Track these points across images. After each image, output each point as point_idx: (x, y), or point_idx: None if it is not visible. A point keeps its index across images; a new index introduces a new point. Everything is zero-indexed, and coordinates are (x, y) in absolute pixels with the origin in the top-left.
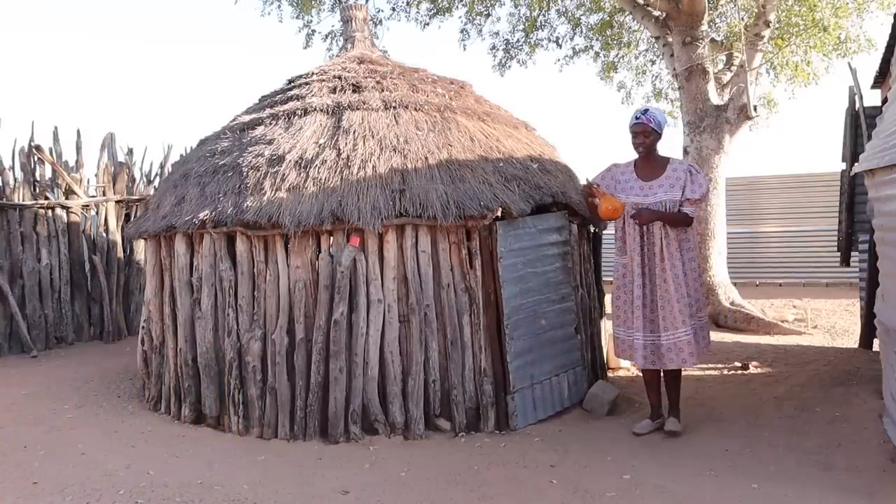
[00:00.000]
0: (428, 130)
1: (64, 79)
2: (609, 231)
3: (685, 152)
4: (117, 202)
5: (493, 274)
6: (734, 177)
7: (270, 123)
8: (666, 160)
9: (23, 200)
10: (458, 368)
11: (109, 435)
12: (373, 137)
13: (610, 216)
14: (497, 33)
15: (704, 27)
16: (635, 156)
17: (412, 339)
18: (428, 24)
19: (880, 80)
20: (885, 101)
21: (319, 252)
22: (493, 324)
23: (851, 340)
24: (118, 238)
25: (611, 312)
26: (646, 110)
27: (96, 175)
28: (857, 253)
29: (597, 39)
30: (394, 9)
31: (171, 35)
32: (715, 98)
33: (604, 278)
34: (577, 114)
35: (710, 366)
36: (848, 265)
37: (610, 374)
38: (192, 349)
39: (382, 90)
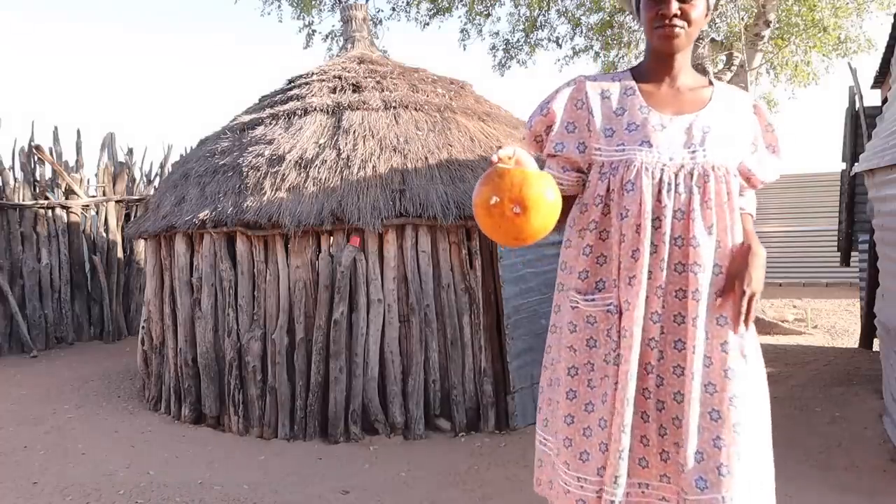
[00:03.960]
0: (428, 130)
1: (64, 79)
2: None
3: None
4: (117, 202)
5: (493, 274)
6: None
7: (270, 123)
8: (705, 78)
9: (23, 200)
10: (458, 368)
11: (109, 435)
12: (373, 137)
13: (530, 234)
14: (497, 33)
15: (704, 27)
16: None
17: (412, 339)
18: (428, 24)
19: (880, 80)
20: (885, 101)
21: (319, 252)
22: (493, 324)
23: (851, 340)
24: (118, 238)
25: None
26: None
27: (96, 175)
28: (857, 253)
29: (597, 39)
30: (394, 9)
31: (171, 35)
32: None
33: None
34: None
35: None
36: (848, 265)
37: None
38: (192, 349)
39: (382, 90)
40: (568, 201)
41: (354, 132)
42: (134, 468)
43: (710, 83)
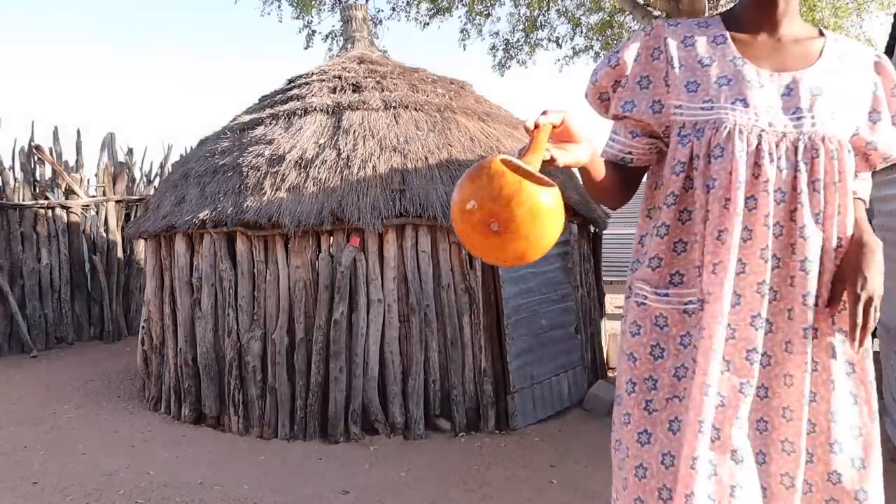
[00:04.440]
0: (428, 130)
1: (64, 79)
2: (615, 232)
3: None
4: (117, 202)
5: (493, 274)
6: None
7: (270, 123)
8: (813, 28)
9: (23, 200)
10: (458, 368)
11: (109, 435)
12: (373, 137)
13: (518, 255)
14: (497, 33)
15: None
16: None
17: (412, 339)
18: (428, 24)
19: None
20: None
21: (319, 252)
22: (493, 324)
23: None
24: (118, 238)
25: (617, 443)
26: None
27: (96, 175)
28: None
29: (597, 39)
30: (394, 9)
31: (172, 35)
32: None
33: (604, 278)
34: (576, 113)
35: None
36: None
37: (610, 374)
38: (192, 349)
39: (382, 90)
40: (635, 174)
41: (354, 132)
42: (134, 468)
43: (821, 34)
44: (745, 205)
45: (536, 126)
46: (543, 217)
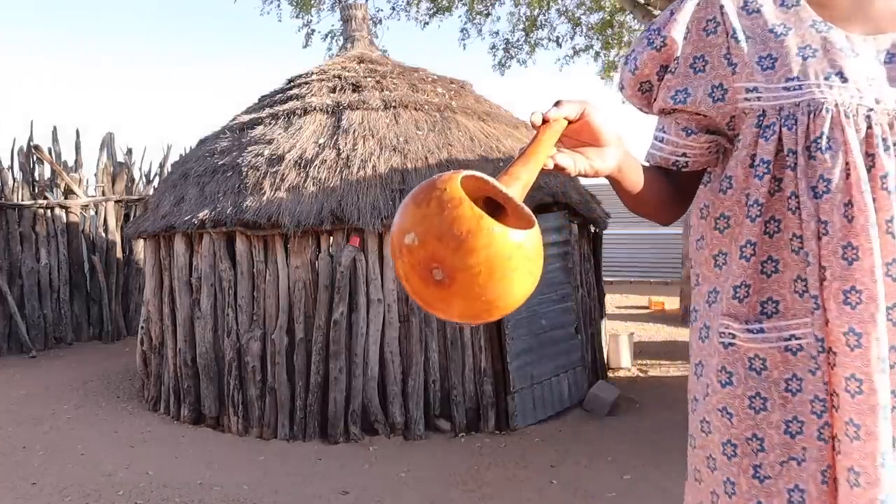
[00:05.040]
0: (428, 130)
1: (64, 79)
2: (615, 232)
3: None
4: (117, 202)
5: None
6: None
7: (270, 123)
8: None
9: (22, 200)
10: (458, 368)
11: (109, 435)
12: (373, 137)
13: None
14: (497, 33)
15: None
16: None
17: (412, 339)
18: (428, 23)
19: None
20: None
21: (319, 252)
22: (493, 324)
23: None
24: (117, 238)
25: None
26: None
27: (96, 175)
28: None
29: (597, 39)
30: (394, 8)
31: (171, 35)
32: None
33: (604, 278)
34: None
35: None
36: None
37: (610, 374)
38: (192, 349)
39: (382, 90)
40: (690, 180)
41: (354, 132)
42: (133, 468)
43: None
44: None
45: (545, 121)
46: (506, 270)
